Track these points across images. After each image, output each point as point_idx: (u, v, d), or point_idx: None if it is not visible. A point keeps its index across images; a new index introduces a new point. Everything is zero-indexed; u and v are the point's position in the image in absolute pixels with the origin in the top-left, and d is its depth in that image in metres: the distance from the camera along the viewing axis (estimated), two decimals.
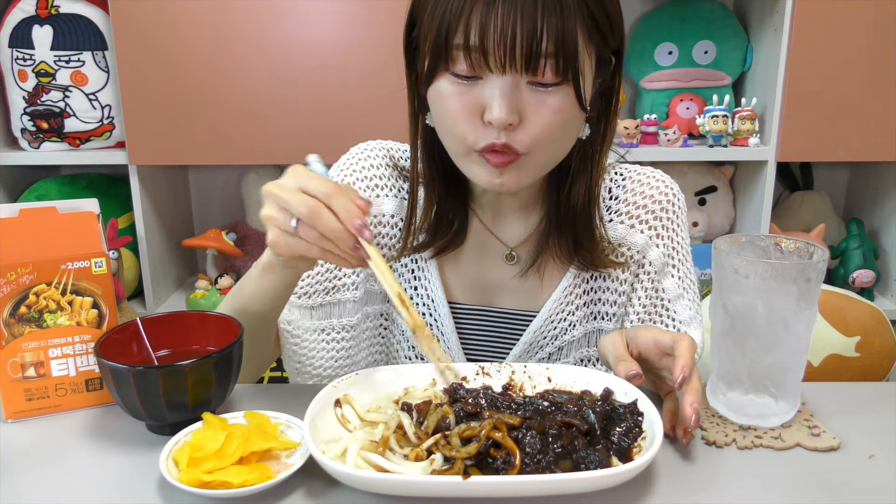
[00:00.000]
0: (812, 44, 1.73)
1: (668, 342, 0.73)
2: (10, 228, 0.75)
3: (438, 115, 0.80)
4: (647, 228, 0.94)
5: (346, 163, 0.97)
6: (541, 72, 0.74)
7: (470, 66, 0.74)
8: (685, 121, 1.92)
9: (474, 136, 0.77)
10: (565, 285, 0.93)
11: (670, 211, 0.95)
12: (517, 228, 0.94)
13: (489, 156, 0.78)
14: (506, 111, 0.74)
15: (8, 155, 1.85)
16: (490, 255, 0.95)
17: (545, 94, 0.75)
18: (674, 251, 0.96)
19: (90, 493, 0.63)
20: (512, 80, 0.74)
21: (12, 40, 1.77)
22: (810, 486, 0.64)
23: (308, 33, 1.73)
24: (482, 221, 0.94)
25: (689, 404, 0.68)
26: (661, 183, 0.96)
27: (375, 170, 0.96)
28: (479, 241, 0.95)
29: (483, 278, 0.96)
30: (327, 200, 0.68)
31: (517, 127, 0.76)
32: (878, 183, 2.05)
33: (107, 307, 0.77)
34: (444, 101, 0.78)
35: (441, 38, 0.74)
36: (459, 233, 0.93)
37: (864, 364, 1.46)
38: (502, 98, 0.74)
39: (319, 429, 0.65)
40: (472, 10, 0.72)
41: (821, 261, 0.69)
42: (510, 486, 0.59)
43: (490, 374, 0.76)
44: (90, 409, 0.78)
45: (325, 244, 0.69)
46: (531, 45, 0.71)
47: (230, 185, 2.18)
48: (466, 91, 0.76)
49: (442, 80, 0.77)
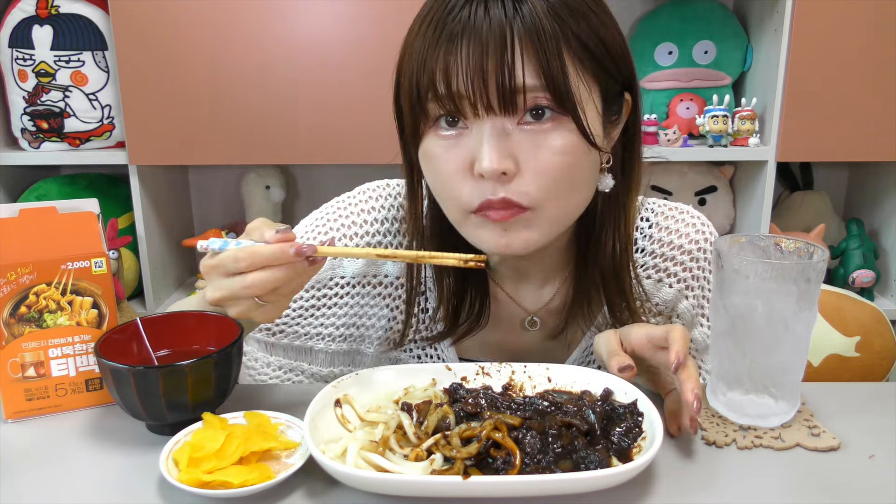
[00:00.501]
0: (812, 44, 1.73)
1: (661, 334, 0.71)
2: (10, 228, 0.75)
3: (430, 179, 0.74)
4: (675, 282, 0.87)
5: (345, 209, 0.86)
6: (523, 109, 0.66)
7: (447, 116, 0.68)
8: (685, 121, 1.92)
9: (468, 194, 0.69)
10: (585, 346, 0.88)
11: (701, 259, 0.87)
12: (540, 293, 0.87)
13: (489, 212, 0.69)
14: (496, 157, 0.66)
15: (8, 155, 1.85)
16: (509, 323, 0.88)
17: (541, 133, 0.68)
18: (705, 300, 0.88)
19: (90, 493, 0.63)
20: (498, 124, 0.67)
21: (12, 40, 1.77)
22: (810, 486, 0.64)
23: (308, 33, 1.73)
24: (504, 290, 0.87)
25: (690, 390, 0.65)
26: (690, 228, 0.87)
27: (378, 224, 0.85)
28: (498, 311, 0.87)
29: (500, 342, 0.89)
30: (254, 266, 0.65)
31: (515, 177, 0.68)
32: (878, 183, 2.05)
33: (107, 307, 0.77)
34: (432, 161, 0.71)
35: (414, 93, 0.69)
36: (480, 317, 0.83)
37: (864, 364, 1.46)
38: (488, 143, 0.66)
39: (319, 429, 0.65)
40: (438, 56, 0.66)
41: (821, 261, 0.69)
42: (510, 486, 0.59)
43: (490, 374, 0.76)
44: (90, 409, 0.78)
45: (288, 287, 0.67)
46: (503, 81, 0.64)
47: (230, 185, 2.18)
48: (453, 145, 0.69)
49: (427, 140, 0.71)
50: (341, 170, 2.03)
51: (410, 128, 0.72)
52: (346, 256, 0.68)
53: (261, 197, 2.07)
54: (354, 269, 0.86)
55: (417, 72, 0.68)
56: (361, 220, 0.86)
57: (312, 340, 0.88)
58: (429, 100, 0.68)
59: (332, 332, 0.88)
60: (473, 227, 0.72)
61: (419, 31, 0.70)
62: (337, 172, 2.10)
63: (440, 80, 0.66)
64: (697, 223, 0.88)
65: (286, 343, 0.89)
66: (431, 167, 0.72)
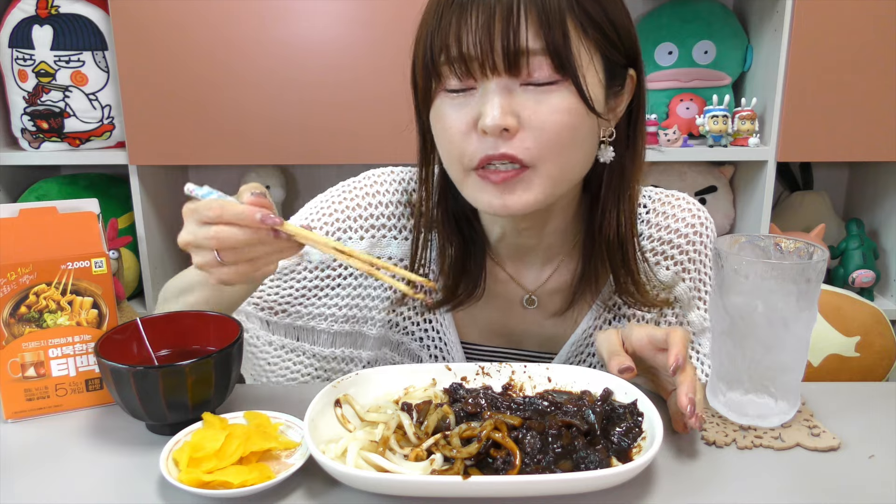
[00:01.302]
0: (812, 44, 1.73)
1: (662, 336, 0.72)
2: (10, 228, 0.75)
3: (439, 139, 0.78)
4: (673, 264, 0.90)
5: (350, 193, 0.90)
6: (526, 70, 0.71)
7: (456, 77, 0.73)
8: (685, 121, 1.92)
9: (471, 151, 0.73)
10: (585, 326, 0.90)
11: (697, 243, 0.90)
12: (540, 272, 0.90)
13: (488, 174, 0.73)
14: (499, 113, 0.70)
15: (8, 155, 1.85)
16: (509, 301, 0.90)
17: (541, 93, 0.72)
18: (701, 283, 0.92)
19: (90, 493, 0.63)
20: (503, 84, 0.71)
21: (12, 40, 1.77)
22: (810, 486, 0.64)
23: (308, 33, 1.73)
24: (504, 269, 0.89)
25: (684, 394, 0.67)
26: (686, 213, 0.90)
27: (383, 207, 0.89)
28: (498, 290, 0.90)
29: (501, 322, 0.92)
30: (221, 218, 0.66)
31: (516, 133, 0.72)
32: (878, 183, 2.05)
33: (107, 307, 0.77)
34: (440, 120, 0.76)
35: (428, 58, 0.74)
36: (477, 288, 0.87)
37: (864, 364, 1.46)
38: (492, 101, 0.71)
39: (319, 429, 0.65)
40: (451, 22, 0.71)
41: (821, 261, 0.69)
42: (510, 486, 0.59)
43: (490, 374, 0.76)
44: (90, 409, 0.78)
45: (251, 253, 0.67)
46: (507, 45, 0.69)
47: (230, 185, 2.18)
48: (461, 105, 0.74)
49: (438, 102, 0.76)
50: (341, 170, 2.03)
51: (423, 91, 0.76)
52: (307, 241, 0.69)
53: None
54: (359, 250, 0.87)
55: (431, 36, 0.73)
56: (367, 203, 0.89)
57: (315, 321, 0.90)
58: (441, 62, 0.73)
59: (335, 312, 0.90)
60: (473, 188, 0.75)
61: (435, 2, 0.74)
62: (337, 172, 2.10)
63: (452, 43, 0.71)
64: (693, 209, 0.91)
65: (288, 323, 0.90)
66: (440, 125, 0.76)
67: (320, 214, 0.90)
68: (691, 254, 0.90)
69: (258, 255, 0.68)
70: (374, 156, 1.77)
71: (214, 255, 0.67)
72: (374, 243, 0.89)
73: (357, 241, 0.89)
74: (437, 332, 0.91)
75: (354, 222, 0.89)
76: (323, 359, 0.91)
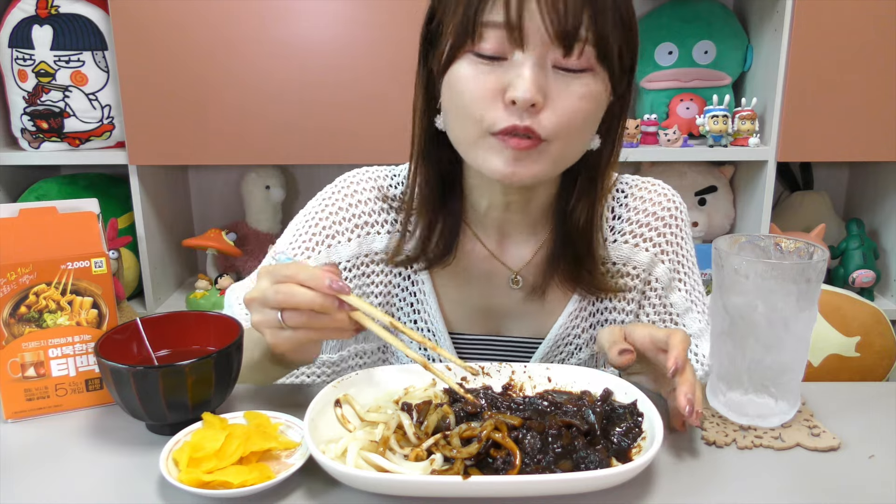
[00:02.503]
0: (812, 44, 1.73)
1: (663, 337, 0.73)
2: (10, 228, 0.75)
3: (454, 99, 0.77)
4: (651, 245, 0.93)
5: (332, 197, 0.93)
6: (575, 54, 0.72)
7: (500, 43, 0.72)
8: (685, 121, 1.93)
9: (493, 117, 0.74)
10: (571, 309, 0.92)
11: (673, 225, 0.94)
12: (523, 251, 0.92)
13: (509, 139, 0.74)
14: (533, 89, 0.71)
15: (8, 155, 1.85)
16: (494, 281, 0.92)
17: (570, 79, 0.73)
18: (679, 265, 0.95)
19: (90, 493, 0.63)
20: (538, 59, 0.72)
21: (12, 40, 1.77)
22: (810, 486, 0.64)
23: (308, 33, 1.73)
24: (486, 246, 0.91)
25: (683, 394, 0.68)
26: (662, 197, 0.94)
27: (364, 205, 0.92)
28: (483, 268, 0.92)
29: (487, 305, 0.93)
30: (295, 279, 0.69)
31: (540, 110, 0.73)
32: (878, 183, 2.05)
33: (107, 307, 0.77)
34: (463, 82, 0.75)
35: (470, 14, 0.73)
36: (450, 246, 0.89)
37: (864, 364, 1.46)
38: (531, 76, 0.71)
39: (319, 429, 0.65)
40: None
41: (821, 261, 0.69)
42: (510, 486, 0.59)
43: (490, 374, 0.76)
44: (90, 409, 0.78)
45: (313, 321, 0.70)
46: (568, 26, 0.70)
47: (230, 185, 2.18)
48: (489, 72, 0.73)
49: (462, 62, 0.75)
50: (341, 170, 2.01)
51: (451, 46, 0.75)
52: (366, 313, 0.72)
53: (261, 197, 2.07)
54: (349, 252, 0.91)
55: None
56: (347, 204, 0.92)
57: None
58: (485, 24, 0.72)
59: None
60: (486, 150, 0.76)
61: None
62: (337, 172, 2.08)
63: (507, 8, 0.71)
64: (668, 193, 0.95)
65: None
66: (462, 87, 0.75)
67: (307, 227, 0.92)
68: (668, 235, 0.93)
69: (318, 325, 0.70)
70: (374, 156, 1.77)
71: (277, 315, 0.69)
72: (360, 242, 0.91)
73: (346, 243, 0.91)
74: (425, 324, 0.93)
75: (340, 226, 0.91)
76: (332, 364, 0.93)
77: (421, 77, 0.83)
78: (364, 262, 0.92)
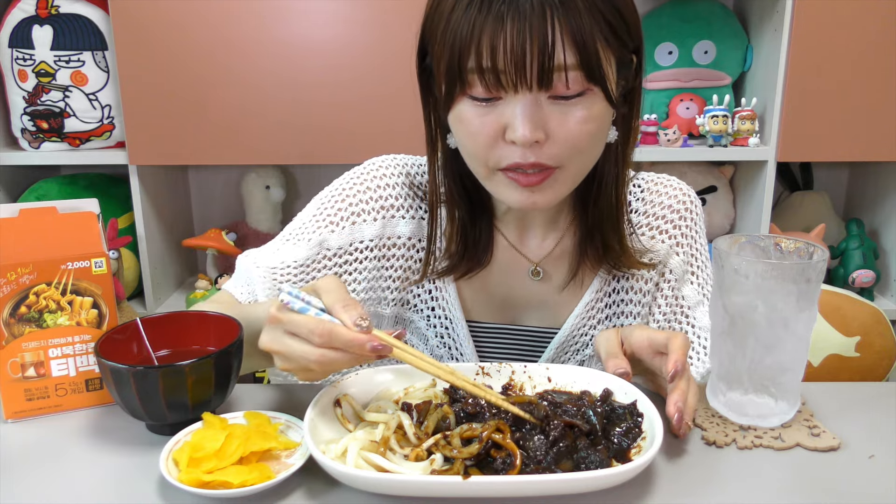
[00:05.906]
0: (812, 44, 1.73)
1: (662, 340, 0.73)
2: (10, 228, 0.75)
3: (460, 139, 0.79)
4: (667, 238, 0.94)
5: (359, 179, 0.94)
6: (557, 86, 0.72)
7: (486, 88, 0.73)
8: (685, 121, 1.92)
9: (498, 155, 0.76)
10: (588, 300, 0.93)
11: (688, 218, 0.95)
12: (543, 243, 0.93)
13: (518, 177, 0.76)
14: (529, 129, 0.72)
15: (8, 155, 1.85)
16: (514, 273, 0.93)
17: (568, 106, 0.74)
18: (693, 258, 0.96)
19: (90, 493, 0.63)
20: (531, 97, 0.72)
21: (12, 40, 1.77)
22: (810, 486, 0.64)
23: (308, 33, 1.73)
24: (507, 239, 0.93)
25: (673, 403, 0.68)
26: (678, 191, 0.96)
27: (391, 189, 0.92)
28: (503, 259, 0.93)
29: (506, 296, 0.94)
30: (327, 346, 0.64)
31: (544, 143, 0.74)
32: (878, 183, 2.05)
33: (107, 307, 0.77)
34: (464, 124, 0.76)
35: (454, 63, 0.73)
36: (485, 254, 0.90)
37: (864, 364, 1.46)
38: (524, 116, 0.72)
39: (319, 429, 0.65)
40: (483, 32, 0.70)
41: (821, 261, 0.69)
42: (510, 486, 0.59)
43: (490, 374, 0.76)
44: (90, 409, 0.78)
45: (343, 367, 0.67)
46: (543, 62, 0.70)
47: (230, 185, 2.18)
48: (487, 112, 0.75)
49: (461, 104, 0.76)
50: (341, 170, 2.02)
51: (446, 92, 0.76)
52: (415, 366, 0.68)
53: (261, 197, 2.07)
54: (372, 232, 0.91)
55: (461, 45, 0.72)
56: (375, 185, 0.93)
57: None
58: (470, 71, 0.73)
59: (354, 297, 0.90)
60: (498, 184, 0.79)
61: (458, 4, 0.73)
62: (337, 172, 2.08)
63: (486, 56, 0.71)
64: (684, 187, 0.98)
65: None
66: (465, 129, 0.77)
67: (333, 202, 0.93)
68: (683, 228, 0.95)
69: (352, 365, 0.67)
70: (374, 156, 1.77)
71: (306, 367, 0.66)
72: (384, 224, 0.92)
73: (371, 222, 0.92)
74: (443, 311, 0.93)
75: (367, 205, 0.92)
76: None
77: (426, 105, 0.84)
78: (386, 244, 0.92)
